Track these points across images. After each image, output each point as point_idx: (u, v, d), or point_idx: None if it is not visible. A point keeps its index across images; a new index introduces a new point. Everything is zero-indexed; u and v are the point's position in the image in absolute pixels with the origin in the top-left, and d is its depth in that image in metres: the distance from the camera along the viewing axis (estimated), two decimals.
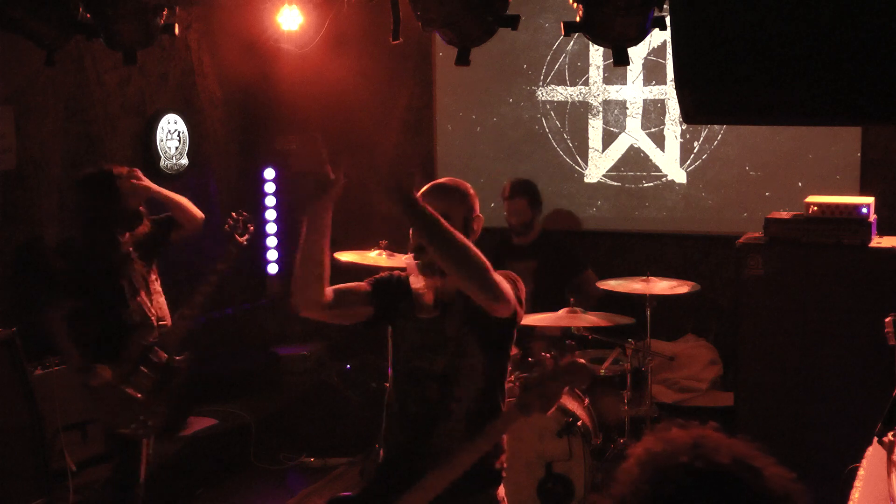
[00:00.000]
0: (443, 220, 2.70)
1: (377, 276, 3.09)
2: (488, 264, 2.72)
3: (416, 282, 2.96)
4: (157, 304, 4.45)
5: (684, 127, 6.29)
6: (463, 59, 3.65)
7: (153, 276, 4.46)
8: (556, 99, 6.58)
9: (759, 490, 1.33)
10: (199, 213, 4.62)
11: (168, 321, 4.46)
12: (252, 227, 4.79)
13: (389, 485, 2.86)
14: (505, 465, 3.05)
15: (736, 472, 1.33)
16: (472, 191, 3.05)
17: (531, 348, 5.66)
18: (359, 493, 3.02)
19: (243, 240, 4.72)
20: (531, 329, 5.43)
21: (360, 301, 2.97)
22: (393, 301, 2.99)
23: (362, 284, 3.03)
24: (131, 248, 4.34)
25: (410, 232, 2.94)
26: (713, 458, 1.34)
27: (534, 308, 5.77)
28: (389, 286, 3.02)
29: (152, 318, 4.35)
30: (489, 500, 2.99)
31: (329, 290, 2.86)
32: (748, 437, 1.40)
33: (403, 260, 3.03)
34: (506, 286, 2.80)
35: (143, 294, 4.34)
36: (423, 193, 2.95)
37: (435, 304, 2.94)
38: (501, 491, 3.04)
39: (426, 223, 2.69)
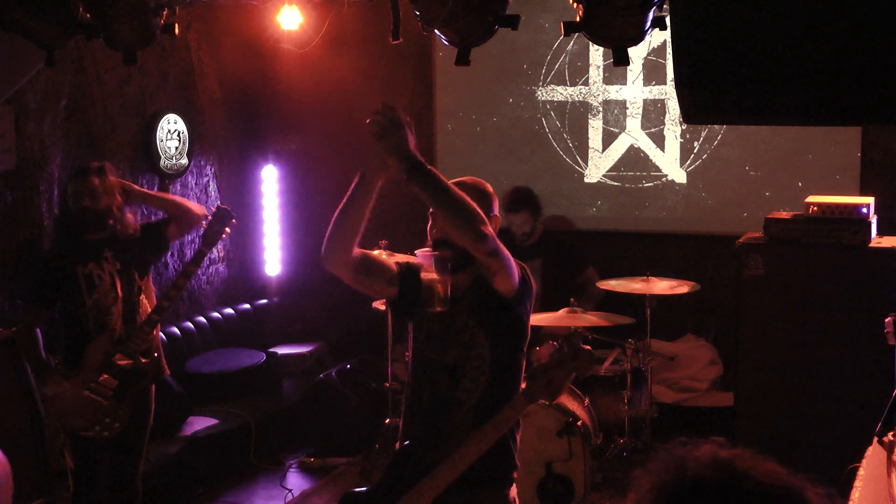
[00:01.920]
0: (438, 174, 2.77)
1: (406, 261, 3.14)
2: (484, 217, 2.81)
3: (429, 276, 2.97)
4: (143, 306, 4.40)
5: (684, 127, 6.29)
6: (463, 59, 3.64)
7: (138, 278, 4.40)
8: (556, 99, 6.58)
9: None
10: (200, 211, 4.56)
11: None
12: (234, 221, 4.54)
13: (404, 474, 2.90)
14: (518, 464, 3.06)
15: (776, 491, 1.30)
16: (490, 189, 3.07)
17: (536, 349, 5.67)
18: (375, 483, 3.03)
19: (216, 247, 4.52)
20: (536, 329, 5.42)
21: (386, 278, 3.02)
22: (414, 290, 3.01)
23: (391, 263, 3.08)
24: (107, 249, 4.30)
25: (428, 227, 2.97)
26: (755, 477, 1.31)
27: (540, 306, 5.78)
28: (413, 275, 3.05)
29: (114, 318, 4.29)
30: (501, 499, 3.01)
31: (358, 252, 2.92)
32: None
33: (417, 253, 3.05)
34: (504, 249, 2.86)
35: (106, 293, 4.27)
36: None
37: (446, 298, 2.95)
38: (513, 491, 3.05)
39: (429, 181, 2.74)
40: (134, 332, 4.27)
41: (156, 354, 4.41)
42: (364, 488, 3.08)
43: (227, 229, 4.50)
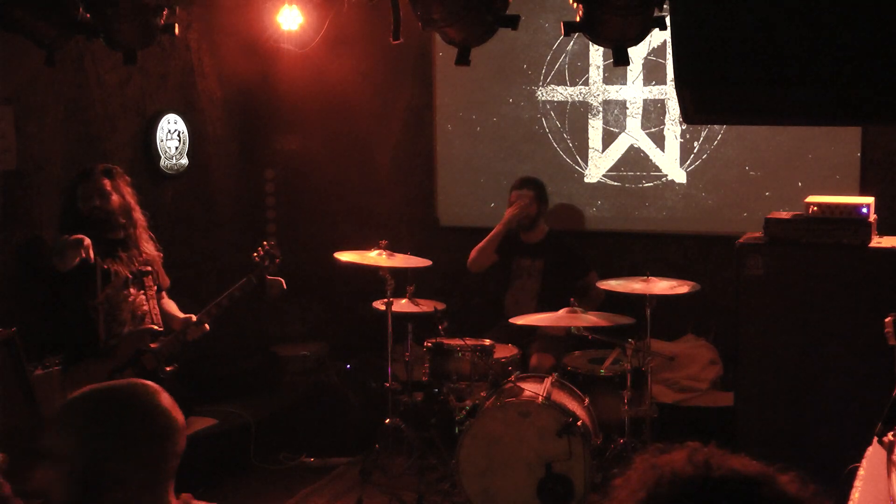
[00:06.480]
0: None
1: None
2: None
3: None
4: (154, 308, 4.44)
5: (684, 127, 6.28)
6: (463, 59, 3.65)
7: (151, 283, 4.45)
8: (556, 99, 6.58)
9: (782, 496, 1.37)
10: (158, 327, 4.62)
11: (162, 328, 4.46)
12: (279, 260, 4.77)
13: None
14: None
15: (750, 478, 1.37)
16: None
17: (531, 349, 5.67)
18: None
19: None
20: (533, 329, 5.43)
21: None
22: None
23: None
24: (120, 249, 4.33)
25: None
26: (730, 467, 1.39)
27: (538, 306, 5.77)
28: None
29: (124, 314, 4.30)
30: None
31: None
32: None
33: None
34: None
35: (119, 289, 4.29)
36: None
37: None
38: None
39: None
40: (167, 341, 4.33)
41: (176, 365, 4.46)
42: None
43: (271, 266, 4.78)
